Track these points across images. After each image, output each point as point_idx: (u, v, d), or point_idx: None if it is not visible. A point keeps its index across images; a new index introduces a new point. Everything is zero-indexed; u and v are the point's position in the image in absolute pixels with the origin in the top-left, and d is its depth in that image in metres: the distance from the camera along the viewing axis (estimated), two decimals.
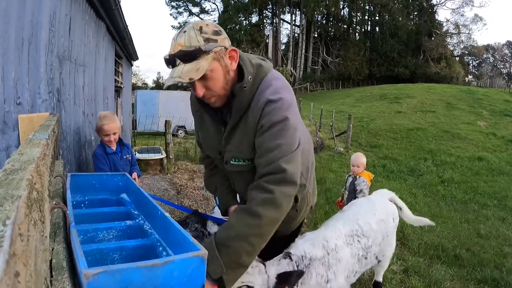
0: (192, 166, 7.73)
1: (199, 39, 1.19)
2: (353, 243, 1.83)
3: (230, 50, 1.26)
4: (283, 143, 1.27)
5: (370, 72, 42.45)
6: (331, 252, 1.67)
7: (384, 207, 2.24)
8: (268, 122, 1.27)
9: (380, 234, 2.02)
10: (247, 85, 1.30)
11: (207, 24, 1.24)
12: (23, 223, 0.45)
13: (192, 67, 1.18)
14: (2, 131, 1.98)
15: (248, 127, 1.33)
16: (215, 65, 1.22)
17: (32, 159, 0.71)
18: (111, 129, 2.61)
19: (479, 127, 14.74)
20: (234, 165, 1.42)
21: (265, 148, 1.28)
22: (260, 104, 1.29)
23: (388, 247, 2.21)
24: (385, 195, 2.49)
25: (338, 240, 1.75)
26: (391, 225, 2.19)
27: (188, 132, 16.72)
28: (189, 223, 1.61)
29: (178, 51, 1.19)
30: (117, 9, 3.89)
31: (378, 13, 45.00)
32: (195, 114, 1.57)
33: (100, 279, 0.75)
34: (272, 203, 1.22)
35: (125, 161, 2.77)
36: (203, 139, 1.60)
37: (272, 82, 1.33)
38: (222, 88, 1.28)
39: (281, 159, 1.25)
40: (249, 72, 1.31)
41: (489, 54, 53.93)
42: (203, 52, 1.18)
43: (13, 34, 1.95)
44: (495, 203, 6.57)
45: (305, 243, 1.66)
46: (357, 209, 2.11)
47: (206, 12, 47.47)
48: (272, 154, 1.26)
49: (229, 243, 1.19)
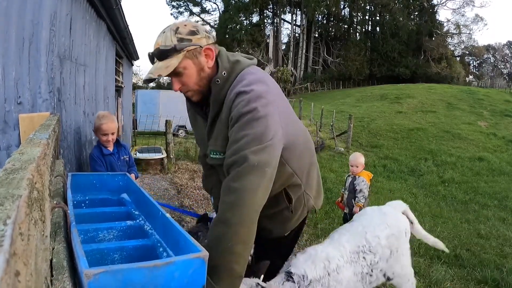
0: (192, 165, 7.73)
1: (173, 39, 1.28)
2: (358, 260, 1.74)
3: (206, 48, 1.32)
4: (250, 133, 1.23)
5: (370, 72, 42.42)
6: (332, 273, 1.61)
7: (397, 220, 2.09)
8: (236, 114, 1.27)
9: (388, 249, 1.90)
10: (220, 79, 1.35)
11: (185, 24, 1.32)
12: (24, 223, 0.45)
13: (163, 65, 1.28)
14: (2, 131, 1.98)
15: (223, 120, 1.37)
16: (187, 62, 1.30)
17: (33, 159, 0.71)
18: (110, 129, 2.58)
19: (480, 127, 14.73)
20: (213, 158, 1.44)
21: (231, 140, 1.28)
22: (231, 97, 1.32)
23: (397, 264, 1.99)
24: (398, 207, 2.32)
25: (340, 259, 1.67)
26: (402, 240, 2.04)
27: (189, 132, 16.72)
28: (200, 236, 1.56)
29: (155, 50, 1.30)
30: (118, 8, 3.89)
31: (378, 13, 44.97)
32: (189, 111, 1.63)
33: (101, 279, 0.75)
34: (237, 204, 1.17)
35: (122, 162, 2.74)
36: (196, 135, 1.66)
37: (245, 77, 1.35)
38: (195, 84, 1.35)
39: (247, 150, 1.21)
40: (224, 67, 1.37)
41: (489, 54, 53.89)
42: (175, 51, 1.27)
43: (13, 33, 1.95)
44: (496, 204, 6.56)
45: (306, 262, 1.60)
46: (367, 221, 1.99)
47: (207, 11, 47.50)
48: (237, 145, 1.24)
49: (215, 262, 1.09)
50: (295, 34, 45.53)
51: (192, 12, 47.26)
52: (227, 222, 1.15)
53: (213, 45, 1.36)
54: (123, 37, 5.43)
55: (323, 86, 40.47)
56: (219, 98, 1.37)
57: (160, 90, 21.40)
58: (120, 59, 6.51)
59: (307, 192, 1.65)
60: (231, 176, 1.22)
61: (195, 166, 7.74)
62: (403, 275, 2.06)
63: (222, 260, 1.13)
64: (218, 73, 1.36)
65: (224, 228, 1.16)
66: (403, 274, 2.05)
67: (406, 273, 2.09)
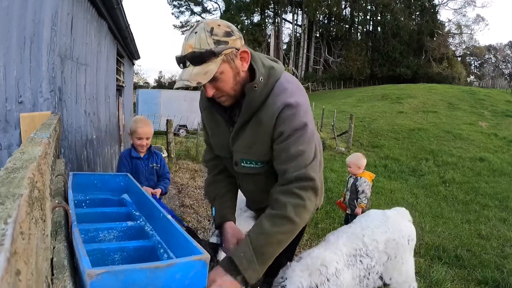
0: (193, 165, 7.73)
1: (209, 41, 1.17)
2: (355, 263, 1.71)
3: (242, 51, 1.25)
4: (306, 149, 1.29)
5: (371, 72, 42.39)
6: (331, 278, 1.57)
7: (400, 225, 2.00)
8: (288, 129, 1.28)
9: (386, 254, 1.85)
10: (258, 85, 1.29)
11: (219, 24, 1.22)
12: (25, 222, 0.45)
13: (201, 71, 1.17)
14: (4, 130, 1.99)
15: (261, 129, 1.32)
16: (225, 67, 1.22)
17: (34, 158, 0.71)
18: (145, 133, 2.57)
19: (481, 128, 14.71)
20: (245, 167, 1.41)
21: (289, 155, 1.29)
22: (276, 108, 1.29)
23: (395, 270, 1.91)
24: (405, 214, 2.22)
25: (338, 263, 1.64)
26: (404, 247, 1.95)
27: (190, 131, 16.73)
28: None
29: (188, 53, 1.19)
30: (119, 8, 3.89)
31: (380, 13, 44.91)
32: (204, 110, 1.53)
33: (103, 279, 0.76)
34: (304, 208, 1.27)
35: (150, 169, 2.66)
36: (212, 136, 1.55)
37: (286, 86, 1.33)
38: (231, 89, 1.28)
39: (308, 167, 1.29)
40: (260, 73, 1.30)
41: (491, 54, 53.79)
42: (213, 55, 1.17)
43: (15, 33, 1.96)
44: (496, 204, 6.55)
45: (302, 274, 1.54)
46: (367, 223, 1.93)
47: (208, 11, 47.52)
48: (297, 162, 1.29)
49: (264, 249, 1.22)
50: (296, 34, 45.51)
51: (193, 11, 47.36)
52: (293, 220, 1.25)
53: (246, 47, 1.29)
54: (124, 36, 5.43)
55: (324, 86, 40.46)
56: (254, 104, 1.31)
57: (161, 90, 21.43)
58: (121, 58, 6.51)
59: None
60: (298, 185, 1.27)
61: (196, 165, 7.74)
62: (402, 282, 1.98)
63: (271, 249, 1.24)
64: (256, 78, 1.29)
65: (288, 225, 1.25)
66: (401, 281, 1.98)
67: (406, 280, 2.02)
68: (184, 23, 47.81)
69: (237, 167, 1.44)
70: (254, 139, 1.35)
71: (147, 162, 2.66)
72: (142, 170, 2.61)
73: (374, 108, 18.11)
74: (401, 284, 1.99)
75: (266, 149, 1.35)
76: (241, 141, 1.38)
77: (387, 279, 1.91)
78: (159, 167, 2.73)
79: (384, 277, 1.89)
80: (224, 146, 1.47)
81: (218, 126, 1.48)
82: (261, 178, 1.44)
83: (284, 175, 1.31)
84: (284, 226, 1.24)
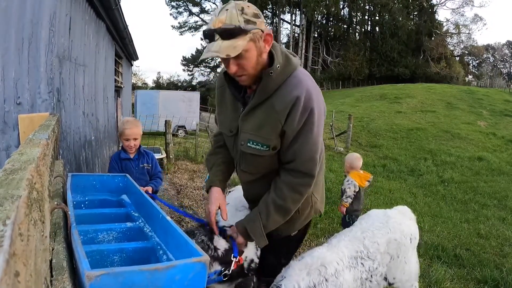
0: (192, 166, 7.73)
1: (240, 19, 1.24)
2: (357, 266, 1.71)
3: (266, 34, 1.32)
4: (314, 145, 1.42)
5: (370, 72, 42.43)
6: (330, 278, 1.58)
7: (401, 225, 1.99)
8: (300, 122, 1.36)
9: (388, 255, 1.85)
10: (274, 71, 1.36)
11: (248, 6, 1.29)
12: (23, 223, 0.45)
13: (230, 44, 1.24)
14: (2, 131, 1.98)
15: (273, 114, 1.39)
16: (251, 45, 1.28)
17: (32, 159, 0.71)
18: (132, 134, 2.57)
19: (479, 127, 14.74)
20: (250, 147, 1.48)
21: (297, 148, 1.41)
22: (291, 98, 1.35)
23: (398, 270, 1.93)
24: (407, 213, 2.22)
25: (339, 264, 1.64)
26: (406, 246, 1.95)
27: (188, 132, 16.72)
28: (196, 234, 1.60)
29: (219, 27, 1.24)
30: (117, 9, 3.89)
31: (378, 13, 44.97)
32: (218, 89, 1.63)
33: (102, 281, 0.75)
34: (299, 202, 1.52)
35: (141, 169, 2.66)
36: (219, 114, 1.65)
37: (302, 78, 1.40)
38: (253, 68, 1.34)
39: (312, 163, 1.44)
40: (278, 61, 1.37)
41: (489, 54, 53.92)
42: (242, 32, 1.24)
43: (13, 33, 1.95)
44: (495, 203, 6.56)
45: (301, 273, 1.56)
46: (368, 225, 1.93)
47: (206, 12, 47.45)
48: (303, 157, 1.42)
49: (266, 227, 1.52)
50: (295, 34, 45.54)
51: (191, 12, 47.34)
52: (289, 211, 1.51)
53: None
54: (123, 37, 5.42)
55: (323, 86, 40.42)
56: (268, 89, 1.38)
57: (160, 91, 21.40)
58: (119, 59, 6.50)
59: (314, 195, 1.68)
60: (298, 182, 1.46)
61: (195, 166, 7.74)
62: (405, 280, 2.00)
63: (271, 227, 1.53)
64: (273, 65, 1.36)
65: (286, 215, 1.52)
66: (405, 279, 1.99)
67: (409, 279, 2.03)
68: (182, 24, 47.82)
69: (243, 147, 1.50)
70: (264, 122, 1.41)
71: (138, 162, 2.66)
72: (132, 171, 2.60)
73: (373, 108, 18.12)
74: (404, 283, 2.00)
75: (274, 134, 1.41)
76: (251, 122, 1.45)
77: (390, 279, 1.92)
78: (151, 167, 2.73)
79: (388, 276, 1.90)
80: (227, 124, 1.58)
81: (226, 106, 1.58)
82: (263, 161, 1.52)
83: (289, 165, 1.46)
84: (283, 214, 1.51)
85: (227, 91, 1.55)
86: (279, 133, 1.41)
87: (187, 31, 48.42)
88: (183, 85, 48.52)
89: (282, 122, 1.38)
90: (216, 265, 1.56)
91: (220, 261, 1.58)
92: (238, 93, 1.50)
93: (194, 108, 19.55)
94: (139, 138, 2.64)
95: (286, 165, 1.48)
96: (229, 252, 1.62)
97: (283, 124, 1.38)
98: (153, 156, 2.78)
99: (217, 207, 1.59)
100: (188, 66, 49.02)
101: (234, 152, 1.62)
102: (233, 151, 1.64)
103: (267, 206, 1.50)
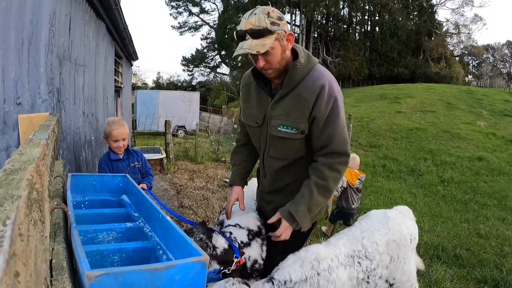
0: (192, 166, 7.73)
1: (267, 21, 1.47)
2: (353, 265, 1.72)
3: (288, 34, 1.56)
4: (343, 128, 1.62)
5: (370, 72, 42.39)
6: (322, 273, 1.59)
7: (401, 226, 1.99)
8: (327, 107, 1.57)
9: (388, 256, 1.85)
10: (299, 64, 1.59)
11: (273, 10, 1.52)
12: (23, 223, 0.45)
13: (259, 43, 1.46)
14: (2, 131, 1.98)
15: (300, 102, 1.59)
16: (276, 44, 1.51)
17: (32, 159, 0.71)
18: (120, 135, 2.52)
19: (479, 127, 14.74)
20: (281, 131, 1.65)
21: (330, 129, 1.60)
22: (317, 86, 1.56)
23: (398, 270, 1.93)
24: (406, 213, 2.22)
25: (333, 261, 1.66)
26: (406, 247, 1.96)
27: (188, 132, 16.72)
28: (195, 232, 1.63)
29: (249, 29, 1.47)
30: (117, 9, 3.89)
31: (378, 13, 44.95)
32: (243, 88, 1.86)
33: (102, 281, 0.75)
34: (339, 180, 1.70)
35: (132, 169, 2.64)
36: (244, 109, 1.85)
37: (323, 72, 1.64)
38: (278, 63, 1.56)
39: (346, 143, 1.64)
40: (301, 55, 1.61)
41: (489, 54, 53.88)
42: (269, 32, 1.47)
43: (13, 34, 1.95)
44: (495, 203, 6.56)
45: (293, 265, 1.61)
46: (367, 225, 1.94)
47: (206, 12, 47.46)
48: (337, 139, 1.61)
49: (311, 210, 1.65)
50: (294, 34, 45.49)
51: (191, 12, 47.28)
52: (330, 191, 1.67)
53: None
54: (123, 37, 5.43)
55: None
56: (294, 80, 1.60)
57: (160, 91, 21.40)
58: (119, 59, 6.50)
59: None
60: (336, 161, 1.64)
61: (195, 166, 7.74)
62: (405, 281, 2.00)
63: (314, 209, 1.66)
64: (298, 58, 1.59)
65: (328, 194, 1.68)
66: (404, 280, 1.99)
67: (409, 279, 2.03)
68: (182, 24, 47.78)
69: (273, 131, 1.68)
70: (293, 108, 1.61)
71: (128, 162, 2.63)
72: (124, 171, 2.55)
73: (373, 108, 18.12)
74: (404, 283, 2.00)
75: (303, 118, 1.60)
76: (280, 109, 1.65)
77: (391, 279, 1.92)
78: (141, 165, 2.71)
79: (389, 278, 1.89)
80: (254, 116, 1.77)
81: (252, 101, 1.79)
82: (290, 145, 1.68)
83: (325, 150, 1.64)
84: (326, 194, 1.66)
85: (252, 88, 1.79)
86: (308, 118, 1.59)
87: (187, 31, 48.40)
88: (183, 85, 48.47)
89: (310, 108, 1.57)
90: (215, 263, 1.59)
91: (219, 260, 1.60)
92: (265, 86, 1.72)
93: (194, 108, 19.57)
94: (127, 137, 2.61)
95: (322, 150, 1.65)
96: (228, 251, 1.63)
97: (311, 110, 1.58)
98: (142, 154, 2.76)
99: (235, 200, 1.90)
100: (188, 66, 48.97)
101: (260, 141, 1.80)
102: (258, 142, 1.82)
103: (309, 189, 1.63)
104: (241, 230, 1.86)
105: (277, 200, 1.83)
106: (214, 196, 5.44)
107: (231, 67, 43.84)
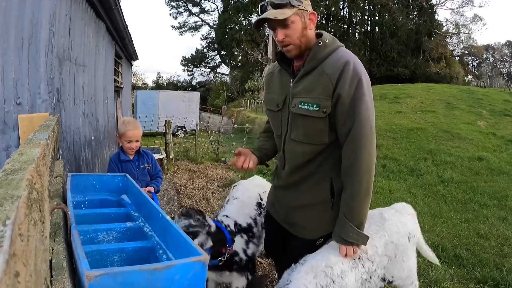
0: (192, 166, 7.73)
1: None
2: (357, 266, 1.72)
3: (311, 13, 1.57)
4: (369, 110, 1.62)
5: (370, 72, 42.29)
6: (337, 280, 1.58)
7: (396, 226, 1.99)
8: (352, 85, 1.53)
9: (386, 257, 1.87)
10: (323, 42, 1.58)
11: None
12: (23, 223, 0.45)
13: (278, 12, 1.50)
14: (2, 131, 1.98)
15: (323, 77, 1.56)
16: (296, 18, 1.52)
17: (32, 159, 0.71)
18: (135, 136, 2.52)
19: (479, 127, 14.73)
20: (302, 108, 1.62)
21: (353, 111, 1.56)
22: (341, 63, 1.53)
23: (395, 268, 1.95)
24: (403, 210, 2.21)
25: (343, 264, 1.64)
26: (404, 246, 1.96)
27: (188, 132, 16.72)
28: (192, 214, 1.76)
29: (271, 1, 1.52)
30: (117, 9, 3.89)
31: (378, 13, 44.96)
32: (266, 76, 1.90)
33: (102, 281, 0.75)
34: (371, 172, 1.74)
35: (142, 170, 2.62)
36: (267, 94, 1.87)
37: (348, 52, 1.62)
38: (298, 38, 1.55)
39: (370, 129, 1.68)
40: (325, 36, 1.61)
41: (489, 54, 53.87)
42: (290, 5, 1.50)
43: (13, 34, 1.95)
44: (495, 203, 6.55)
45: (307, 276, 1.55)
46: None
47: (206, 12, 47.48)
48: (362, 116, 1.58)
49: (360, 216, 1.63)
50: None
51: (191, 12, 47.30)
52: (368, 192, 1.65)
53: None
54: (122, 37, 5.43)
55: None
56: (317, 57, 1.58)
57: (159, 91, 21.40)
58: (119, 59, 6.51)
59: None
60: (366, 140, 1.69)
61: (195, 166, 7.74)
62: (405, 277, 2.01)
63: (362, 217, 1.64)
64: (322, 37, 1.59)
65: (366, 196, 1.63)
66: (405, 276, 2.00)
67: (409, 275, 2.04)
68: (182, 24, 47.81)
69: (294, 109, 1.65)
70: (315, 84, 1.58)
71: (138, 163, 2.62)
72: (133, 173, 2.56)
73: None
74: (404, 279, 2.02)
75: (325, 95, 1.56)
76: (302, 87, 1.63)
77: (389, 277, 1.93)
78: (151, 167, 2.69)
79: (386, 276, 1.91)
80: (275, 100, 1.76)
81: (274, 86, 1.79)
82: (312, 126, 1.63)
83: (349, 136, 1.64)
84: (365, 198, 1.63)
85: (275, 74, 1.81)
86: (331, 96, 1.55)
87: (187, 31, 48.41)
88: (183, 85, 48.46)
89: (334, 84, 1.53)
90: (209, 241, 1.77)
91: (212, 237, 1.79)
92: (288, 67, 1.71)
93: (194, 108, 19.56)
94: (140, 139, 2.61)
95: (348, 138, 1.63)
96: (220, 232, 1.87)
97: (334, 86, 1.53)
98: (152, 156, 2.75)
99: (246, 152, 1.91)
100: (188, 66, 48.98)
101: (282, 126, 1.76)
102: (279, 127, 1.78)
103: (348, 205, 1.61)
104: (228, 219, 2.10)
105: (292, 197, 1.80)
106: (214, 196, 5.44)
107: (231, 67, 43.84)
